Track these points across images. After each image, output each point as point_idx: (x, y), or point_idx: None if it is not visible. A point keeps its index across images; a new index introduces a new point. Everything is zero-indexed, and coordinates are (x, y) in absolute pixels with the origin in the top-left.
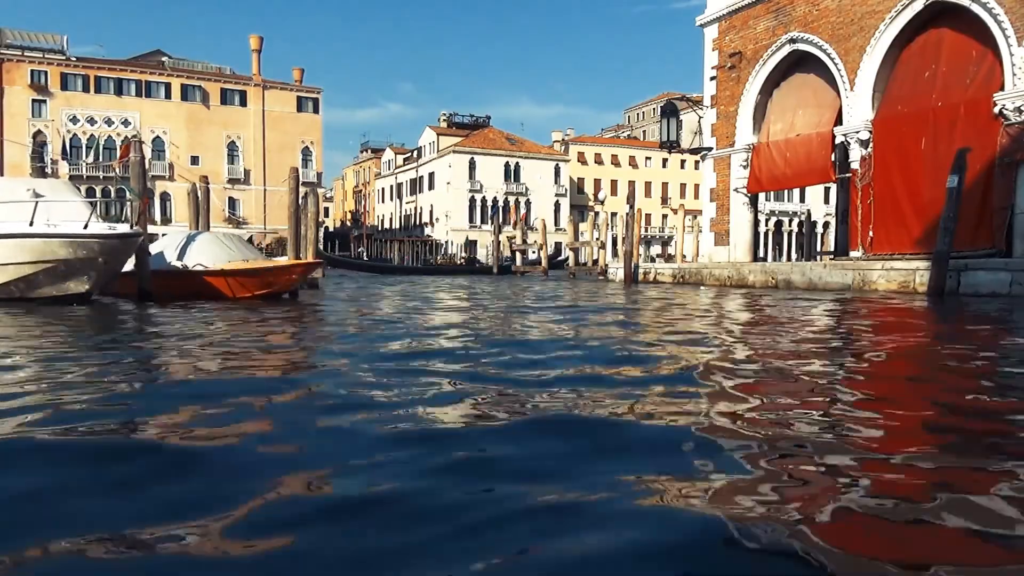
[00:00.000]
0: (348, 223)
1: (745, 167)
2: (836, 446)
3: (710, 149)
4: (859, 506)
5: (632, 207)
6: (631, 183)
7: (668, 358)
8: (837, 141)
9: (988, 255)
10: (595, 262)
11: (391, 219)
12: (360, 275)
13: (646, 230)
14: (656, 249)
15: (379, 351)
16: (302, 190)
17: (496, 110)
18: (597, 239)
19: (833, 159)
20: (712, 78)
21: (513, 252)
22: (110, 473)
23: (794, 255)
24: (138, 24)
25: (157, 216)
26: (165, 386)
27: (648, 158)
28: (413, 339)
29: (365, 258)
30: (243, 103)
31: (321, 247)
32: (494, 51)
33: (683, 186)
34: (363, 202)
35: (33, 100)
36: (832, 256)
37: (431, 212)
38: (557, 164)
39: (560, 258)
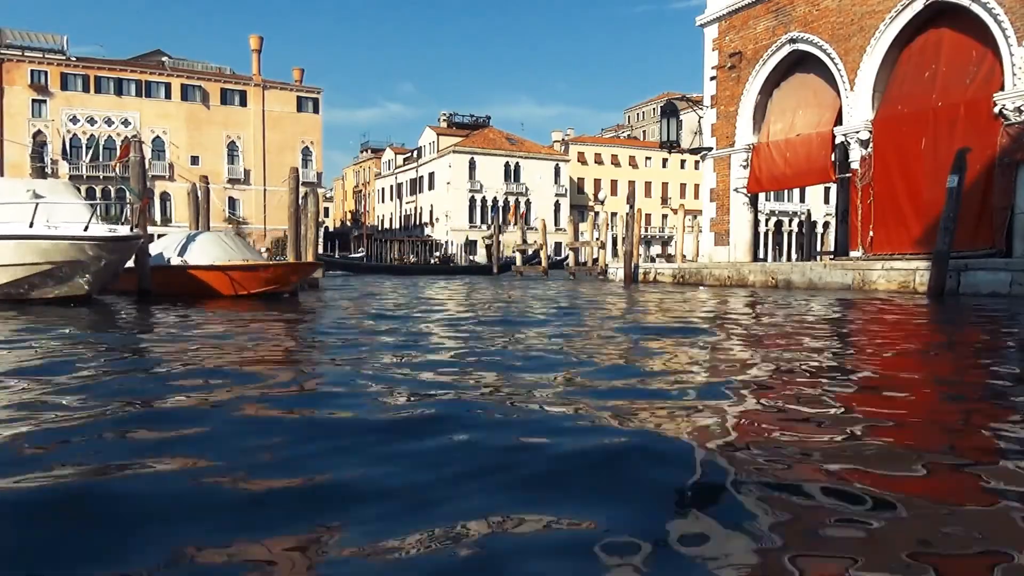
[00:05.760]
0: (348, 223)
1: (745, 167)
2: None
3: (710, 149)
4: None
5: (632, 207)
6: (631, 183)
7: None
8: (837, 141)
9: (988, 255)
10: (595, 262)
11: (391, 219)
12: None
13: (646, 230)
14: (656, 249)
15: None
16: (302, 190)
17: (496, 110)
18: (597, 239)
19: (833, 159)
20: (712, 78)
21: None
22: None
23: (794, 255)
24: (138, 24)
25: (157, 216)
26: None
27: (648, 158)
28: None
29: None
30: (243, 103)
31: (321, 248)
32: (494, 51)
33: (683, 186)
34: (363, 202)
35: (33, 100)
36: (832, 256)
37: (431, 212)
38: (557, 164)
39: (560, 258)
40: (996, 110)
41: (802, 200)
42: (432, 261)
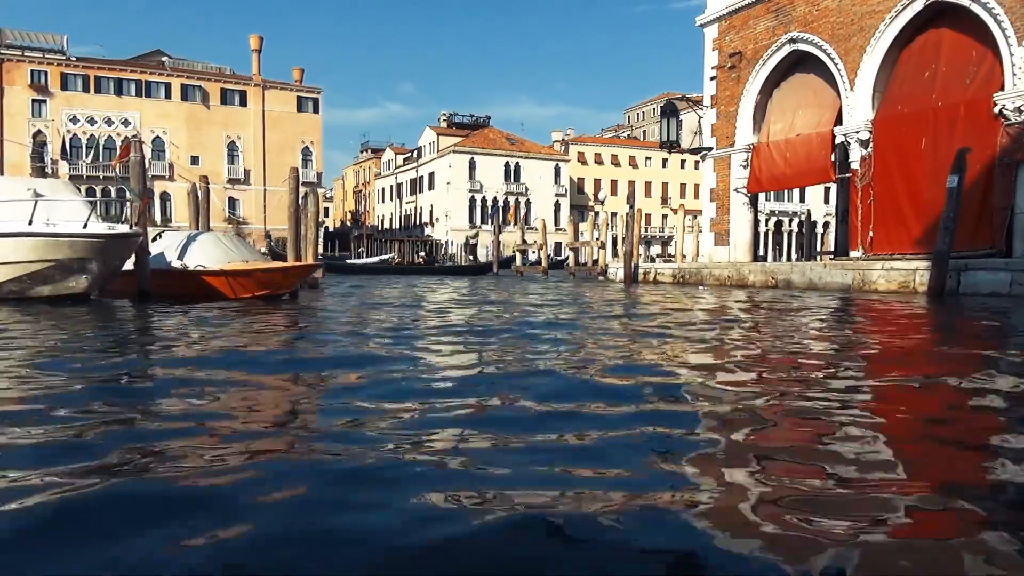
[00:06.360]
0: (348, 223)
1: (745, 167)
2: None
3: (710, 149)
4: None
5: (632, 207)
6: (631, 183)
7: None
8: (837, 141)
9: (988, 255)
10: (595, 262)
11: (391, 219)
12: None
13: (646, 230)
14: (656, 249)
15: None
16: (302, 190)
17: (496, 110)
18: (597, 239)
19: (833, 159)
20: (712, 78)
21: (513, 252)
22: None
23: (794, 255)
24: (138, 24)
25: (157, 216)
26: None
27: (648, 158)
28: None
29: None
30: (243, 103)
31: (321, 248)
32: (494, 51)
33: (683, 186)
34: (363, 202)
35: (33, 100)
36: (832, 256)
37: (431, 212)
38: (557, 164)
39: (560, 258)
40: (996, 110)
41: (802, 200)
42: (417, 261)
